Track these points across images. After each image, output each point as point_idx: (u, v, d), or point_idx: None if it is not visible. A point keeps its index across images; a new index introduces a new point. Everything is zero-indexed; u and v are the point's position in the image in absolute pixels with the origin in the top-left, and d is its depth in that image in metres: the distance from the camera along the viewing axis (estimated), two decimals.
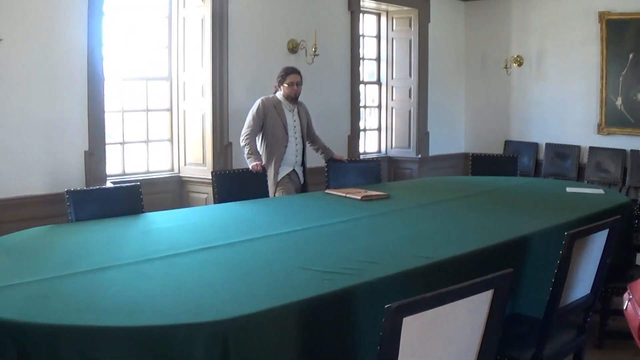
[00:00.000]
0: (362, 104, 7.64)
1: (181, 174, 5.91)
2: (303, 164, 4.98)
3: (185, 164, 5.91)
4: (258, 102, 4.85)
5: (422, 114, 7.88)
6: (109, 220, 3.45)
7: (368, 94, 7.97)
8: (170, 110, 5.94)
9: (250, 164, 4.63)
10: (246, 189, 4.46)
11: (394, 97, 7.95)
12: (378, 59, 7.96)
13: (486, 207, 3.99)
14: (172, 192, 5.83)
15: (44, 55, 4.70)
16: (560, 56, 7.61)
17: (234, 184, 4.46)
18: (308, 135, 5.07)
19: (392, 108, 7.97)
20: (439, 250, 2.78)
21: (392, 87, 7.94)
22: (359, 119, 7.31)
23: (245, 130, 4.80)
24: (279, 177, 4.81)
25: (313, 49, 6.31)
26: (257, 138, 4.84)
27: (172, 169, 5.97)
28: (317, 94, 6.46)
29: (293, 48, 6.31)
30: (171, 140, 5.97)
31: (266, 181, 4.66)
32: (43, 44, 4.68)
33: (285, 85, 4.83)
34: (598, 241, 2.72)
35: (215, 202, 4.28)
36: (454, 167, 8.30)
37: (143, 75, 5.78)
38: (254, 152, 4.70)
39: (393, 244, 2.96)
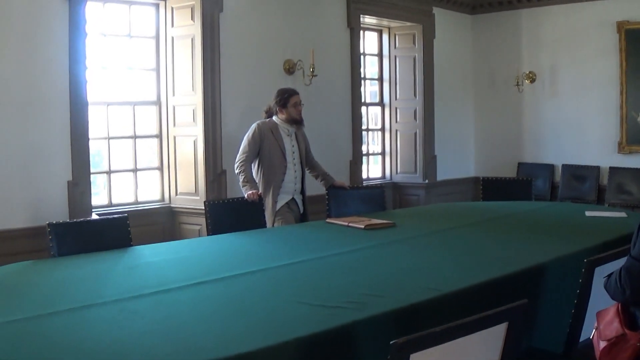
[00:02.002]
0: (364, 126, 7.68)
1: (172, 205, 5.92)
2: (302, 191, 5.00)
3: (176, 194, 5.93)
4: (254, 126, 4.89)
5: (429, 137, 7.92)
6: (94, 254, 3.45)
7: (370, 116, 8.02)
8: (160, 136, 5.98)
9: (246, 193, 4.64)
10: (242, 219, 4.45)
11: (398, 119, 7.99)
12: (380, 79, 8.03)
13: (499, 235, 3.99)
14: (163, 223, 5.83)
15: (22, 78, 4.72)
16: (576, 71, 7.67)
17: (228, 214, 4.47)
18: (307, 161, 5.09)
19: (396, 131, 8.01)
20: (448, 282, 2.78)
21: (396, 109, 8.00)
22: (361, 143, 7.34)
23: (240, 157, 4.83)
24: (278, 207, 4.82)
25: (311, 69, 6.38)
26: (253, 165, 4.87)
27: (162, 199, 5.98)
28: (316, 117, 6.50)
29: (290, 68, 6.37)
30: (161, 168, 5.99)
31: (263, 211, 4.67)
32: (21, 66, 4.71)
33: (290, 107, 4.87)
34: None
35: (208, 234, 4.28)
36: (464, 193, 8.31)
37: (130, 100, 5.83)
38: (249, 180, 4.72)
39: (399, 275, 2.96)
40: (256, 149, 4.83)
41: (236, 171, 4.82)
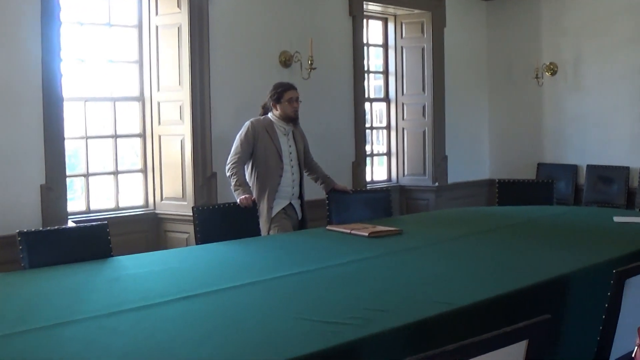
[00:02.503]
0: (368, 124, 7.70)
1: (157, 211, 5.93)
2: (300, 196, 5.00)
3: (161, 199, 5.93)
4: (247, 124, 4.89)
5: (439, 135, 7.93)
6: (70, 266, 3.44)
7: (375, 113, 8.03)
8: (143, 135, 5.98)
9: (238, 198, 4.64)
10: (234, 227, 4.47)
11: (405, 116, 8.00)
12: (386, 72, 8.04)
13: (517, 243, 3.99)
14: (146, 231, 5.85)
15: None
16: (602, 61, 7.66)
17: (219, 221, 4.48)
18: (305, 163, 5.10)
19: (403, 129, 8.02)
20: (461, 295, 2.78)
21: (403, 105, 8.00)
22: (364, 142, 7.36)
23: (231, 158, 4.83)
24: (273, 213, 4.83)
25: (309, 62, 6.38)
26: (246, 167, 4.87)
27: (146, 205, 5.99)
28: (315, 114, 6.51)
29: (286, 61, 6.38)
30: (144, 171, 6.00)
31: (257, 217, 4.67)
32: None
33: (285, 102, 4.88)
34: None
35: (197, 243, 4.29)
36: (478, 197, 8.32)
37: (110, 95, 5.84)
38: (242, 184, 4.72)
39: (406, 288, 2.96)
40: (249, 150, 4.83)
41: (227, 174, 4.82)
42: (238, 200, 4.63)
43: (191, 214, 4.48)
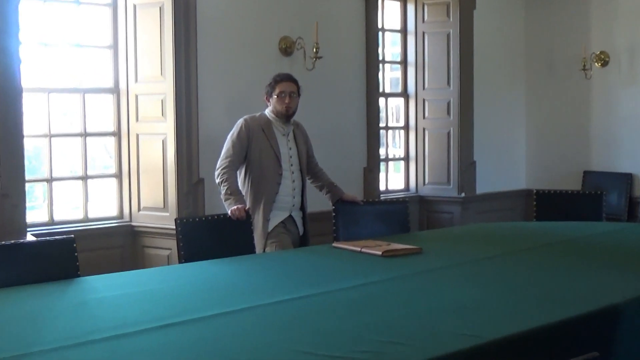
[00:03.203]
0: (382, 124, 7.70)
1: (133, 223, 5.95)
2: (302, 207, 5.01)
3: (138, 209, 5.95)
4: (240, 122, 4.90)
5: (467, 137, 7.93)
6: (30, 287, 3.44)
7: (391, 111, 8.03)
8: (118, 134, 6.00)
9: (230, 208, 4.65)
10: (224, 242, 4.49)
11: (426, 114, 8.00)
12: (404, 62, 8.05)
13: (558, 266, 3.97)
14: (121, 247, 5.87)
15: None
16: None
17: (207, 236, 4.50)
18: (308, 169, 5.11)
19: (424, 129, 8.02)
20: (491, 327, 2.77)
21: (425, 101, 8.00)
22: (378, 144, 7.36)
23: (222, 162, 4.84)
24: (270, 227, 4.83)
25: (314, 50, 6.39)
26: (239, 172, 4.88)
27: (121, 216, 6.01)
28: (320, 112, 6.52)
29: (287, 48, 6.39)
30: (119, 175, 6.01)
31: (252, 231, 4.68)
32: None
33: (274, 96, 4.90)
34: None
35: (180, 261, 4.30)
36: (512, 210, 8.31)
37: (79, 86, 5.86)
38: (234, 192, 4.73)
39: (426, 317, 2.96)
40: (243, 152, 4.84)
41: (217, 180, 4.82)
42: (229, 212, 4.63)
43: (174, 226, 4.47)
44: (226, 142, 4.90)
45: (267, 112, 4.95)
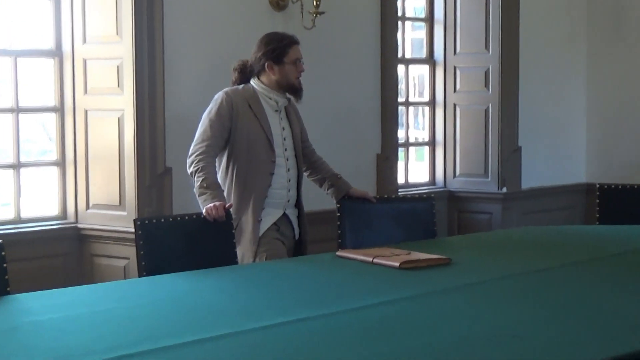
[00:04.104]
0: (401, 99, 7.70)
1: (80, 224, 5.94)
2: (298, 203, 5.02)
3: (87, 207, 5.95)
4: (220, 96, 4.88)
5: (510, 116, 7.94)
6: None
7: (412, 82, 8.03)
8: (61, 110, 5.99)
9: (206, 206, 4.63)
10: (198, 250, 4.47)
11: (458, 87, 8.02)
12: (430, 19, 8.05)
13: (629, 283, 3.97)
14: (64, 255, 5.86)
15: None
16: None
17: (175, 241, 4.48)
18: (304, 154, 5.11)
19: (454, 106, 8.04)
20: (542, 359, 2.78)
21: (456, 69, 8.02)
22: (396, 125, 7.35)
23: (196, 147, 4.80)
24: (262, 229, 4.84)
25: (314, 3, 6.37)
26: (218, 160, 4.88)
27: (64, 216, 6.00)
28: (321, 83, 6.50)
29: (279, 1, 6.37)
30: (62, 163, 6.01)
31: (233, 236, 4.68)
32: None
33: (289, 64, 4.88)
34: None
35: (141, 274, 4.29)
36: (568, 210, 8.33)
37: (9, 48, 5.85)
38: (211, 185, 4.70)
39: (457, 346, 2.95)
40: (224, 135, 4.82)
41: (190, 170, 4.79)
42: (204, 210, 4.62)
43: (132, 229, 4.46)
44: (201, 122, 4.87)
45: (255, 82, 4.95)
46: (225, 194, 4.81)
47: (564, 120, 8.48)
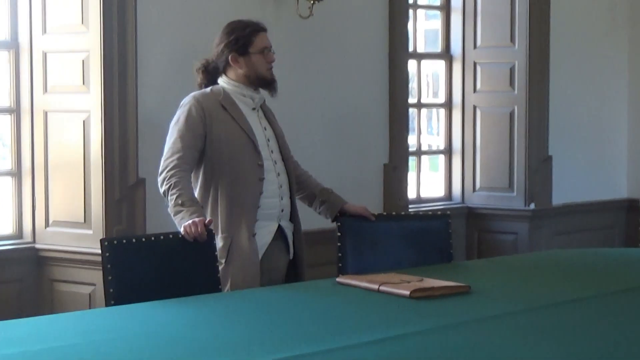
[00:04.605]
0: (412, 100, 7.71)
1: (38, 244, 5.95)
2: (293, 216, 5.02)
3: (46, 224, 5.96)
4: (187, 102, 4.90)
5: (539, 120, 7.96)
6: None
7: (425, 80, 8.04)
8: (17, 111, 6.01)
9: (183, 224, 4.63)
10: (175, 275, 4.48)
11: (479, 86, 8.04)
12: (447, 7, 8.09)
13: None
14: (19, 281, 5.86)
15: None
16: None
17: (149, 265, 4.47)
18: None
19: (474, 108, 8.05)
20: None
21: (476, 65, 8.05)
22: (406, 130, 7.37)
23: (167, 162, 4.80)
24: (261, 245, 4.84)
25: None
26: (194, 174, 4.90)
27: (20, 234, 6.02)
28: (319, 81, 6.52)
29: None
30: (17, 174, 6.02)
31: (215, 257, 4.66)
32: None
33: (256, 54, 4.90)
34: None
35: (109, 303, 4.27)
36: (606, 230, 8.34)
37: None
38: (187, 201, 4.71)
39: None
40: (198, 143, 4.83)
41: (162, 189, 4.78)
42: (182, 229, 4.62)
43: (99, 250, 4.45)
44: (169, 134, 4.87)
45: (223, 81, 4.97)
46: (208, 213, 4.81)
47: (602, 125, 8.50)
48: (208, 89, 4.95)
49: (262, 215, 4.86)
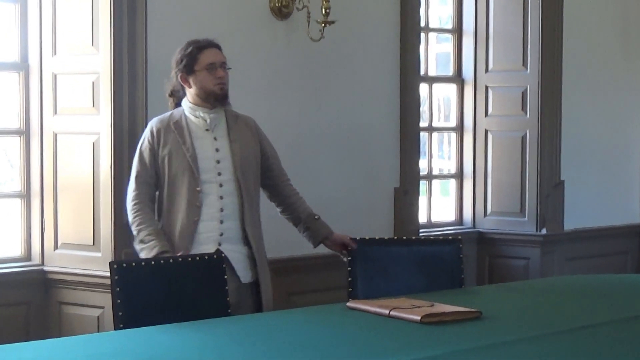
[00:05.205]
0: (423, 123, 7.71)
1: (47, 267, 5.94)
2: (246, 238, 5.00)
3: (55, 247, 5.95)
4: (147, 128, 5.05)
5: (551, 144, 7.95)
6: None
7: (437, 103, 8.03)
8: (26, 133, 6.01)
9: (149, 255, 4.76)
10: (184, 298, 4.49)
11: (491, 110, 8.03)
12: (458, 31, 8.10)
13: None
14: (27, 304, 5.86)
15: None
16: None
17: (158, 288, 4.49)
18: (273, 188, 5.20)
19: (486, 132, 8.05)
20: None
21: (488, 89, 8.04)
22: (417, 154, 7.37)
23: (130, 192, 4.95)
24: None
25: (323, 11, 6.38)
26: (158, 202, 5.01)
27: (28, 257, 6.01)
28: (329, 104, 6.52)
29: (282, 8, 6.40)
30: (26, 195, 6.02)
31: (225, 282, 4.68)
32: None
33: (202, 71, 4.95)
34: None
35: (118, 327, 4.28)
36: (620, 256, 8.33)
37: None
38: (150, 233, 4.84)
39: None
40: (153, 170, 4.95)
41: (131, 221, 4.92)
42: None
43: (108, 273, 4.47)
44: (133, 162, 5.02)
45: (184, 102, 5.05)
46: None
47: (614, 150, 8.48)
48: (168, 113, 5.06)
49: (199, 240, 4.91)
